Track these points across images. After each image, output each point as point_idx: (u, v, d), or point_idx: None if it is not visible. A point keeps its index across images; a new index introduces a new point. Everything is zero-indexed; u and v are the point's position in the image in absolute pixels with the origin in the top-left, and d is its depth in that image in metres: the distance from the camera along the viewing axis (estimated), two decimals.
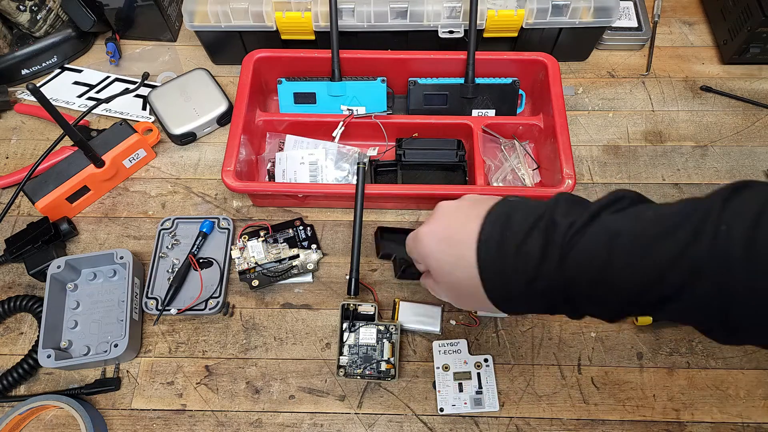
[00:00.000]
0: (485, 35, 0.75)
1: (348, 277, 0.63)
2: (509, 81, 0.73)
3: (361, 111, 0.72)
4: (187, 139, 0.76)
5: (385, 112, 0.71)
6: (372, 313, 0.61)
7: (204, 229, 0.67)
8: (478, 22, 0.71)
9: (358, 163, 0.65)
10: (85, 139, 0.66)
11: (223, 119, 0.76)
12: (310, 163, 0.70)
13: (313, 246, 0.67)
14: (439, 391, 0.59)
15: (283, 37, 0.75)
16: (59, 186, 0.67)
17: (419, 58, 0.73)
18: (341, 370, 0.59)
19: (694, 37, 0.85)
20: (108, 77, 0.83)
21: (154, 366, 0.62)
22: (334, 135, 0.71)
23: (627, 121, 0.78)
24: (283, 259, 0.66)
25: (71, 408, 0.57)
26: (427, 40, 0.75)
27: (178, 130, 0.74)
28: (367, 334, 0.61)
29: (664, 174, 0.73)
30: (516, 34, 0.75)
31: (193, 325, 0.65)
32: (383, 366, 0.59)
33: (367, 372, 0.59)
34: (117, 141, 0.70)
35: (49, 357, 0.58)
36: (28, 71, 0.82)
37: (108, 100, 0.79)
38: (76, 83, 0.82)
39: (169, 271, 0.66)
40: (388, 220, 0.71)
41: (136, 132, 0.72)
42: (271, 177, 0.71)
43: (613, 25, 0.76)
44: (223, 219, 0.69)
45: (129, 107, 0.80)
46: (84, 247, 0.70)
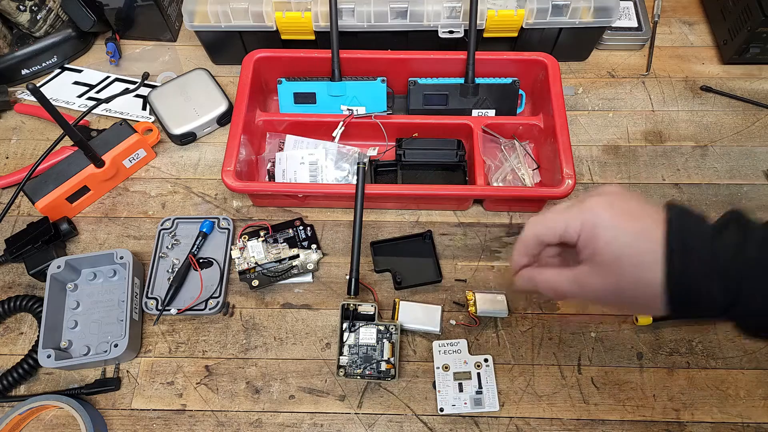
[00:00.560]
0: (485, 35, 0.75)
1: (348, 277, 0.63)
2: (509, 81, 0.73)
3: (361, 111, 0.72)
4: (187, 139, 0.76)
5: (385, 112, 0.71)
6: (372, 313, 0.61)
7: (204, 229, 0.67)
8: (478, 22, 0.71)
9: (358, 163, 0.65)
10: (85, 139, 0.66)
11: (223, 119, 0.76)
12: (310, 163, 0.70)
13: (313, 246, 0.67)
14: (439, 391, 0.59)
15: (283, 37, 0.76)
16: (59, 186, 0.67)
17: (419, 58, 0.73)
18: (341, 370, 0.59)
19: (694, 37, 0.85)
20: (108, 77, 0.83)
21: (154, 366, 0.62)
22: (334, 135, 0.71)
23: (627, 121, 0.78)
24: (283, 259, 0.66)
25: (71, 408, 0.57)
26: (427, 40, 0.75)
27: (178, 130, 0.74)
28: (367, 334, 0.61)
29: (664, 174, 0.73)
30: (516, 34, 0.75)
31: (193, 325, 0.65)
32: (383, 366, 0.59)
33: (367, 372, 0.59)
34: (117, 141, 0.71)
35: (49, 357, 0.58)
36: (28, 71, 0.82)
37: (108, 100, 0.79)
38: (76, 83, 0.82)
39: (169, 271, 0.66)
40: (388, 220, 0.71)
41: (136, 132, 0.72)
42: (271, 177, 0.71)
43: (613, 25, 0.76)
44: (223, 219, 0.69)
45: (129, 107, 0.80)
46: (84, 247, 0.70)
